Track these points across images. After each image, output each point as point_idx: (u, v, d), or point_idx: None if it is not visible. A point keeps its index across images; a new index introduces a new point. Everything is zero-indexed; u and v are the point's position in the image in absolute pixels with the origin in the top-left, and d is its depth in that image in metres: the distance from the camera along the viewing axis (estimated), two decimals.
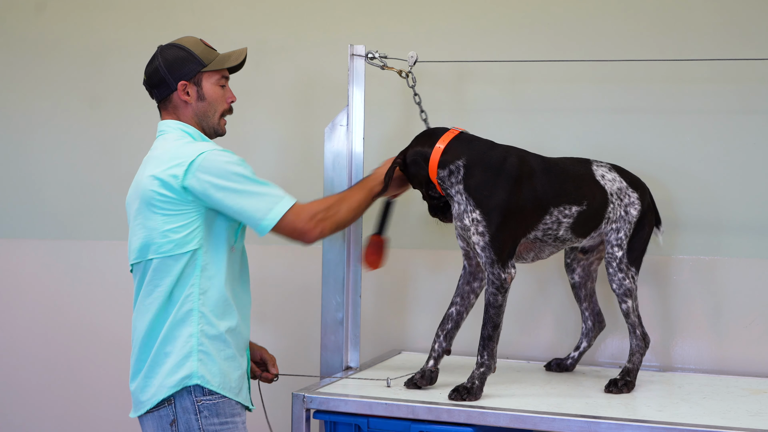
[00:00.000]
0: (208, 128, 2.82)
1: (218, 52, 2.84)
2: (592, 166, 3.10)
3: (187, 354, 2.64)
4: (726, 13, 3.47)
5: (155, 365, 2.66)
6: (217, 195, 2.62)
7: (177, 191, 2.62)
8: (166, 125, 2.80)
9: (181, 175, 2.61)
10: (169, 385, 2.63)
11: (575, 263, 3.25)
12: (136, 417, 2.73)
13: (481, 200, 2.86)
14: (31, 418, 4.29)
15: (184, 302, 2.65)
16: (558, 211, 2.98)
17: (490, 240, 2.85)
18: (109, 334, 4.15)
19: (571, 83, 3.60)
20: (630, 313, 3.07)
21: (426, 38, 3.74)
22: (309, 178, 3.77)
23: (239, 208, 2.64)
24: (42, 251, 4.26)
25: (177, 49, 2.78)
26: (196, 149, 2.65)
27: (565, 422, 2.64)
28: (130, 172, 4.08)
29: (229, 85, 2.86)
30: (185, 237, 2.65)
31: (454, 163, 2.90)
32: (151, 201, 2.65)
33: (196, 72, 2.77)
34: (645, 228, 3.12)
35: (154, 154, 2.74)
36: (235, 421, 2.70)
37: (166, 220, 2.64)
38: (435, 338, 3.05)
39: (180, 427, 2.64)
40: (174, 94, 2.78)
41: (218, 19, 4.03)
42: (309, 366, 3.52)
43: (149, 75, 2.81)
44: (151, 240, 2.66)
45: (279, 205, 2.66)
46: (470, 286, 3.06)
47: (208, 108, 2.80)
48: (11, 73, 4.31)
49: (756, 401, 2.93)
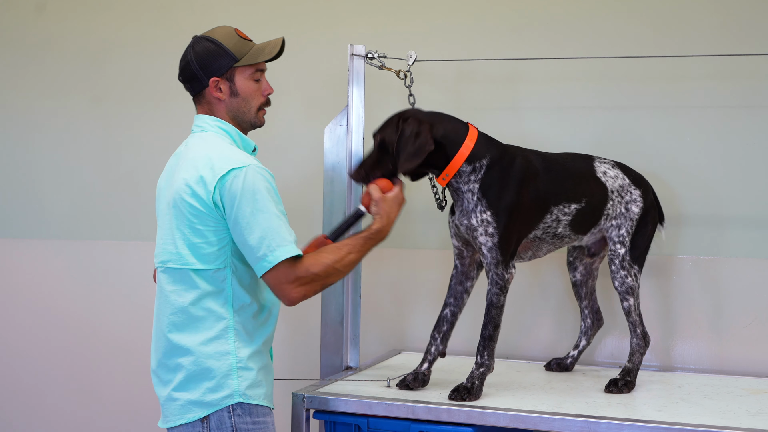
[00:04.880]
0: (244, 123, 2.72)
1: (253, 42, 2.72)
2: (594, 162, 3.10)
3: (226, 373, 2.56)
4: (726, 10, 3.47)
5: (191, 380, 2.57)
6: (232, 216, 2.53)
7: (207, 205, 2.53)
8: (203, 121, 2.69)
9: (212, 190, 2.52)
10: (210, 404, 2.56)
11: (578, 261, 3.26)
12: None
13: (493, 201, 2.85)
14: (31, 418, 4.29)
15: (219, 318, 2.57)
16: (558, 209, 2.98)
17: (498, 241, 2.85)
18: (109, 334, 4.15)
19: (569, 82, 3.60)
20: (631, 312, 3.07)
21: (425, 38, 3.74)
22: (309, 178, 3.77)
23: (242, 239, 2.53)
24: (42, 251, 4.26)
25: (209, 42, 2.65)
26: (232, 162, 2.53)
27: (565, 422, 2.64)
28: (131, 172, 4.13)
29: (265, 76, 2.75)
30: (215, 253, 2.57)
31: (480, 161, 2.88)
32: (182, 209, 2.56)
33: (228, 67, 2.65)
34: (648, 226, 3.12)
35: (190, 154, 2.62)
36: (266, 422, 2.64)
37: (196, 233, 2.56)
38: (431, 341, 3.04)
39: (211, 424, 2.57)
40: (206, 90, 2.66)
41: (218, 19, 4.00)
42: (309, 366, 3.52)
43: (182, 69, 2.68)
44: (178, 249, 2.58)
45: (281, 249, 2.52)
46: (463, 286, 3.05)
47: (242, 104, 2.69)
48: (11, 72, 4.31)
49: (756, 401, 2.93)
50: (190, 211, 2.55)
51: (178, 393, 2.59)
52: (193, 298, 2.58)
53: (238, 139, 2.70)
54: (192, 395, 2.57)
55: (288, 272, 2.53)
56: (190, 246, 2.57)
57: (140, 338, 4.03)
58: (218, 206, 2.53)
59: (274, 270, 2.52)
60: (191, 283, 2.58)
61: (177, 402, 2.59)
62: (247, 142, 2.73)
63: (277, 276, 2.53)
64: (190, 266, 2.57)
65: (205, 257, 2.57)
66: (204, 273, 2.57)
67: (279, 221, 2.54)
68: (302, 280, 2.54)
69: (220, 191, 2.52)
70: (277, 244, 2.51)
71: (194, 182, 2.54)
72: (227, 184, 2.51)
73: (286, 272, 2.53)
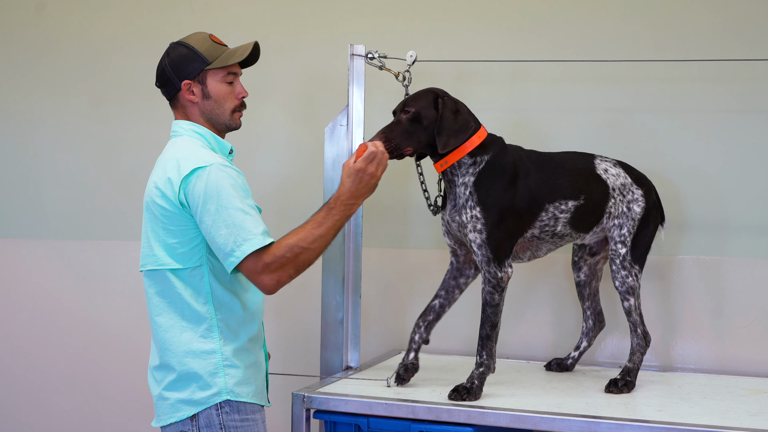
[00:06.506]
0: (219, 125, 2.75)
1: (227, 47, 2.76)
2: (595, 160, 3.10)
3: (213, 372, 2.59)
4: (727, 12, 3.47)
5: (180, 380, 2.61)
6: (198, 215, 2.56)
7: (174, 205, 2.58)
8: (179, 126, 2.74)
9: (177, 190, 2.56)
10: (198, 402, 2.59)
11: (582, 261, 3.26)
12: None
13: (483, 198, 2.87)
14: (31, 418, 4.29)
15: (202, 318, 2.61)
16: (553, 207, 2.98)
17: (486, 238, 2.86)
18: (109, 334, 4.15)
19: (569, 83, 3.60)
20: (632, 312, 3.07)
21: (425, 38, 3.74)
22: (309, 178, 3.77)
23: (210, 237, 2.55)
24: (42, 251, 4.26)
25: (183, 47, 2.71)
26: (196, 161, 2.57)
27: (565, 422, 2.64)
28: (131, 172, 4.12)
29: (239, 80, 2.77)
30: (189, 252, 2.60)
31: (481, 156, 2.90)
32: (153, 211, 2.62)
33: (199, 70, 2.69)
34: (650, 226, 3.12)
35: (162, 157, 2.68)
36: (255, 419, 2.67)
37: (169, 233, 2.60)
38: (415, 329, 3.06)
39: (200, 422, 2.60)
40: (180, 94, 2.71)
41: (218, 19, 4.02)
42: (309, 366, 3.52)
43: (158, 75, 2.75)
44: (154, 251, 2.63)
45: (247, 243, 2.53)
46: (456, 281, 3.07)
47: (215, 106, 2.72)
48: (11, 72, 4.31)
49: (756, 401, 2.93)
50: (162, 212, 2.60)
51: (168, 392, 2.63)
52: (174, 299, 2.62)
53: (213, 142, 2.73)
54: (181, 394, 2.61)
55: (256, 262, 2.55)
56: (165, 247, 2.61)
57: (140, 338, 4.02)
58: (185, 206, 2.58)
59: (243, 263, 2.55)
60: (170, 284, 2.62)
61: (167, 401, 2.63)
62: (223, 144, 2.76)
63: (247, 268, 2.56)
64: (167, 266, 2.61)
65: (180, 256, 2.61)
66: (181, 272, 2.61)
67: (244, 216, 2.55)
68: (272, 266, 2.55)
69: (184, 191, 2.56)
70: (243, 239, 2.53)
71: (162, 184, 2.59)
72: (191, 183, 2.56)
73: (254, 263, 2.55)
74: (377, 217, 3.71)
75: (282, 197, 3.89)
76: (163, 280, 2.63)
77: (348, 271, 3.28)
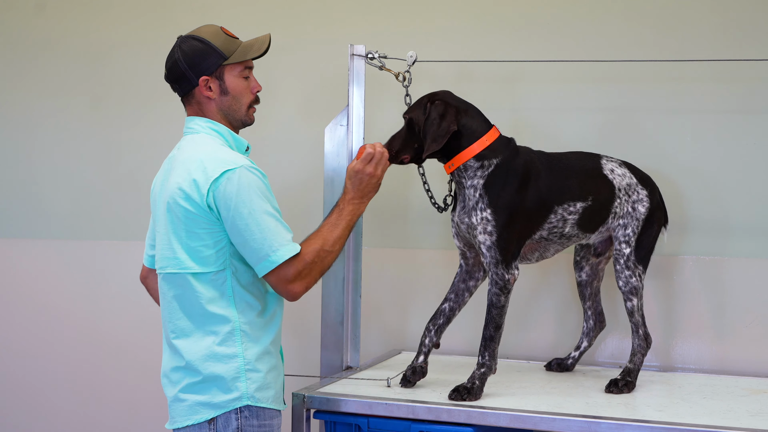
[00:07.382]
0: (235, 122, 2.70)
1: (240, 40, 2.71)
2: (602, 160, 3.10)
3: (235, 376, 2.56)
4: (727, 13, 3.47)
5: (200, 383, 2.56)
6: (230, 218, 2.52)
7: (201, 208, 2.52)
8: (195, 123, 2.67)
9: (205, 193, 2.51)
10: (218, 405, 2.56)
11: (584, 261, 3.25)
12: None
13: (494, 199, 2.87)
14: (32, 418, 4.28)
15: (223, 322, 2.56)
16: (563, 209, 2.98)
17: (496, 240, 2.85)
18: (109, 334, 4.15)
19: (569, 83, 3.60)
20: (634, 312, 3.07)
21: (425, 38, 3.74)
22: (309, 178, 3.77)
23: (242, 241, 2.53)
24: (42, 251, 4.26)
25: (196, 41, 2.63)
26: (224, 163, 2.53)
27: (565, 422, 2.64)
28: (131, 172, 4.12)
29: (253, 74, 2.74)
30: (214, 255, 2.56)
31: (490, 160, 2.90)
32: (176, 213, 2.55)
33: (217, 66, 2.63)
34: (653, 226, 3.12)
35: (182, 156, 2.60)
36: (272, 425, 2.64)
37: (192, 236, 2.55)
38: (426, 332, 3.05)
39: (218, 426, 2.56)
40: (196, 90, 2.64)
41: (218, 19, 3.98)
42: (309, 366, 3.51)
43: (169, 69, 2.66)
44: (176, 253, 2.57)
45: (283, 249, 2.53)
46: (465, 284, 3.07)
47: (233, 102, 2.67)
48: (11, 72, 4.31)
49: (756, 401, 2.92)
50: (185, 215, 2.55)
51: (185, 394, 2.58)
52: (194, 302, 2.57)
53: (231, 139, 2.69)
54: (201, 397, 2.57)
55: (289, 269, 2.54)
56: (188, 250, 2.56)
57: (140, 338, 4.04)
58: (212, 209, 2.53)
59: (277, 269, 2.53)
60: (190, 288, 2.57)
61: (185, 403, 2.59)
62: (240, 141, 2.73)
63: (278, 275, 2.55)
64: (188, 270, 2.57)
65: (203, 260, 2.56)
66: (203, 276, 2.57)
67: (276, 221, 2.55)
68: (302, 273, 2.57)
69: (213, 194, 2.52)
70: (279, 244, 2.52)
71: (187, 186, 2.53)
72: (221, 187, 2.51)
73: (287, 270, 2.54)
74: (377, 217, 3.71)
75: (282, 197, 3.87)
76: (184, 283, 2.58)
77: (348, 271, 3.27)
